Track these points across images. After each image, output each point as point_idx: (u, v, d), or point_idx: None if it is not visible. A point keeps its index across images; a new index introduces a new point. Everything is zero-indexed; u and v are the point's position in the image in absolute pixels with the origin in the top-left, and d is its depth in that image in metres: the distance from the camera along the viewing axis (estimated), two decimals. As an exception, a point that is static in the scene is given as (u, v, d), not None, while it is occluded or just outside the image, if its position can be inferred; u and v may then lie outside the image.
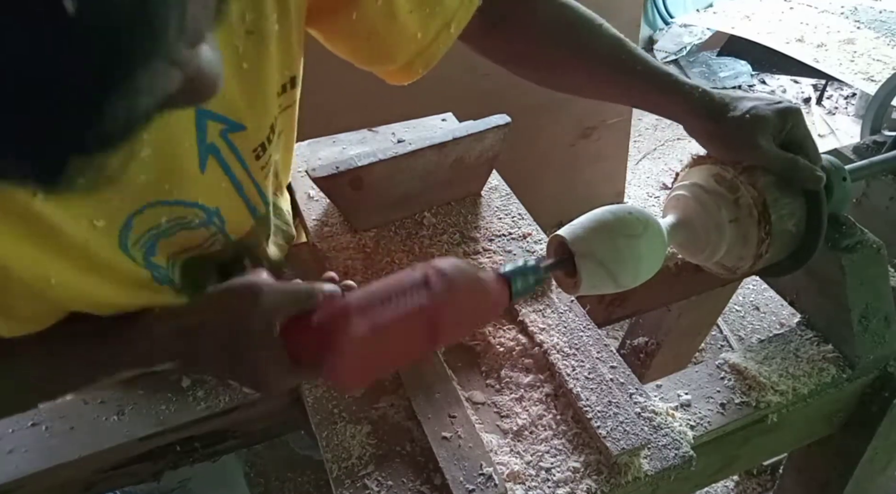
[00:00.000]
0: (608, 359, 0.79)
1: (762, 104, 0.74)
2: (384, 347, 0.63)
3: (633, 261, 0.69)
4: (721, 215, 0.74)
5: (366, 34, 0.76)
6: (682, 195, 0.78)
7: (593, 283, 0.69)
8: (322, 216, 0.99)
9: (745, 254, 0.75)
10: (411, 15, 0.76)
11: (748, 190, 0.73)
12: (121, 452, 0.77)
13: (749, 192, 0.72)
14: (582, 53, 0.82)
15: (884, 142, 1.03)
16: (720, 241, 0.75)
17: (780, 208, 0.72)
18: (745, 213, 0.73)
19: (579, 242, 0.68)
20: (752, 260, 0.74)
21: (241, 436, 0.85)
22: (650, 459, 0.69)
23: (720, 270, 0.79)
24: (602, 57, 0.80)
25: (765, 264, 0.76)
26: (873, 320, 0.82)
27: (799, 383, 0.81)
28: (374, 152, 0.93)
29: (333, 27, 0.77)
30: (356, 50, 0.82)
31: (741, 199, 0.73)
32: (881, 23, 3.16)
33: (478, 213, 1.02)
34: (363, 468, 0.70)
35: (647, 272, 0.71)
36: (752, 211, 0.72)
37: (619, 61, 0.79)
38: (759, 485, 1.74)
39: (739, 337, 2.14)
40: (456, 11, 0.78)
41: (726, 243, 0.75)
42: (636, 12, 2.27)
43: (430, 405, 0.74)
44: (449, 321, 0.65)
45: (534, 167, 2.34)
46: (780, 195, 0.73)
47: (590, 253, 0.68)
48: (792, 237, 0.75)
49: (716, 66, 3.82)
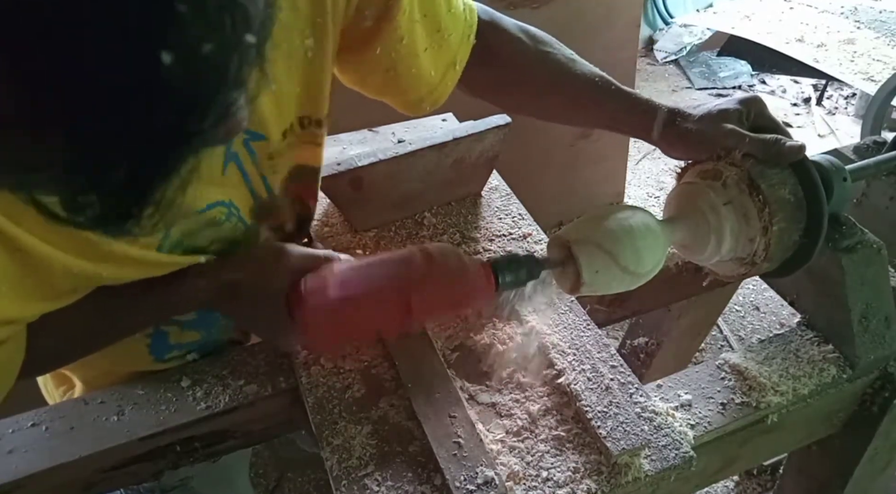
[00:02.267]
0: (608, 359, 0.79)
1: (723, 100, 0.80)
2: (355, 315, 0.69)
3: (629, 238, 0.70)
4: (713, 199, 0.75)
5: (384, 69, 0.79)
6: (674, 196, 0.80)
7: (595, 267, 0.70)
8: (322, 216, 0.99)
9: (753, 233, 0.74)
10: (426, 53, 0.80)
11: (730, 170, 0.75)
12: (121, 452, 0.77)
13: (732, 171, 0.75)
14: (563, 77, 0.85)
15: (884, 142, 1.03)
16: (721, 225, 0.74)
17: (767, 178, 0.73)
18: (736, 192, 0.74)
19: (572, 231, 0.71)
20: (763, 240, 0.73)
21: (241, 436, 0.85)
22: (650, 459, 0.69)
23: (738, 266, 0.77)
24: (582, 79, 0.85)
25: (780, 243, 0.74)
26: (873, 320, 0.82)
27: (799, 383, 0.81)
28: (374, 152, 0.93)
29: (352, 58, 0.79)
30: (369, 83, 0.84)
31: (728, 180, 0.75)
32: (881, 23, 3.16)
33: (478, 213, 1.02)
34: (363, 468, 0.70)
35: (649, 255, 0.71)
36: (741, 185, 0.74)
37: (598, 85, 0.84)
38: (759, 485, 1.74)
39: (739, 337, 2.13)
40: (459, 48, 0.83)
41: (728, 225, 0.74)
42: (636, 12, 2.27)
43: (430, 405, 0.74)
44: (424, 299, 0.69)
45: (534, 167, 2.34)
46: (764, 168, 0.74)
47: (584, 238, 0.70)
48: (793, 207, 0.73)
49: (716, 66, 3.82)
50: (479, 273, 0.70)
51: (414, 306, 0.68)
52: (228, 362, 0.85)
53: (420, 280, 0.68)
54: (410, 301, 0.68)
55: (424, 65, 0.80)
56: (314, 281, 0.69)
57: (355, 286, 0.68)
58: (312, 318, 0.68)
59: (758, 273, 0.78)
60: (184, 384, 0.82)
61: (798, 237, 0.75)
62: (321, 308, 0.68)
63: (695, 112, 0.79)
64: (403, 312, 0.68)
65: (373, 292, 0.68)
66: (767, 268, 0.77)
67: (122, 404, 0.80)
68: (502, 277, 0.71)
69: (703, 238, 0.76)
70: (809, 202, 0.74)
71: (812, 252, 0.75)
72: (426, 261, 0.69)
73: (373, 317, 0.70)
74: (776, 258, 0.76)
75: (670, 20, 4.04)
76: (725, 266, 0.79)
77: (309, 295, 0.68)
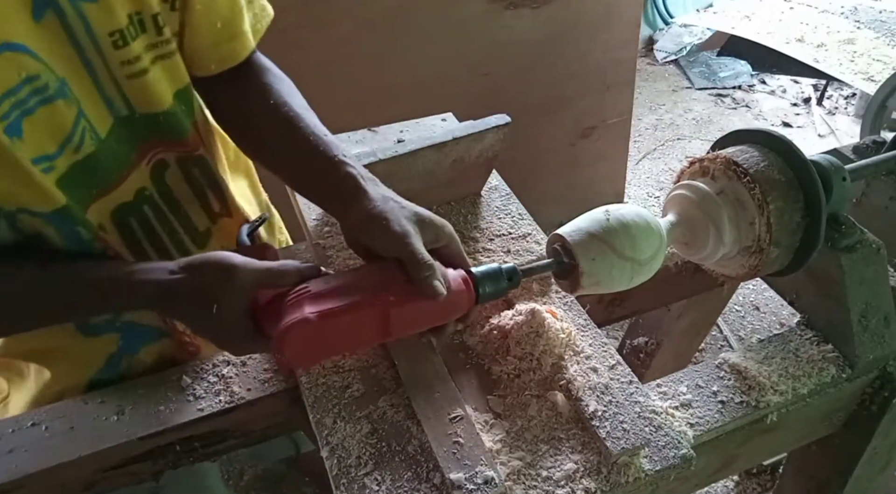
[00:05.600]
0: (608, 359, 0.79)
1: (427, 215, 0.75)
2: (333, 333, 0.68)
3: (621, 225, 0.72)
4: (705, 191, 0.77)
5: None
6: (668, 200, 0.82)
7: (591, 254, 0.71)
8: (322, 216, 0.99)
9: (751, 216, 0.74)
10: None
11: (714, 162, 0.77)
12: (121, 452, 0.77)
13: (715, 162, 0.77)
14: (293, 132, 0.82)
15: (883, 142, 1.03)
16: (718, 215, 0.75)
17: (752, 162, 0.75)
18: (725, 180, 0.76)
19: (565, 227, 0.73)
20: (761, 219, 0.74)
21: (240, 436, 0.85)
22: (650, 459, 0.69)
23: (747, 257, 0.77)
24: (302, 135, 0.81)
25: (781, 222, 0.74)
26: (873, 319, 0.82)
27: (799, 383, 0.81)
28: (374, 152, 0.93)
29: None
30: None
31: (715, 172, 0.77)
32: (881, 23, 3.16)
33: (478, 213, 1.02)
34: (363, 467, 0.70)
35: (644, 240, 0.72)
36: (727, 172, 0.76)
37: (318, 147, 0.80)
38: (759, 485, 1.74)
39: (739, 337, 2.14)
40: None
41: (725, 213, 0.75)
42: (636, 12, 2.27)
43: (430, 405, 0.74)
44: (402, 314, 0.69)
45: (534, 167, 2.35)
46: (744, 153, 0.76)
47: (576, 230, 0.72)
48: (786, 186, 0.74)
49: (716, 66, 3.82)
50: (459, 285, 0.70)
51: (392, 321, 0.68)
52: (228, 361, 0.85)
53: (399, 296, 0.68)
54: (389, 317, 0.68)
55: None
56: (291, 301, 0.67)
57: (332, 304, 0.67)
58: (291, 337, 0.65)
59: (769, 264, 0.77)
60: (183, 384, 0.82)
61: (800, 218, 0.75)
62: (298, 329, 0.65)
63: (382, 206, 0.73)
64: (382, 328, 0.69)
65: (351, 308, 0.67)
66: (778, 255, 0.76)
67: (121, 404, 0.80)
68: (482, 288, 0.71)
69: (703, 231, 0.77)
70: (801, 180, 0.75)
71: (819, 230, 0.75)
72: (405, 275, 0.69)
73: (351, 335, 0.69)
74: (783, 243, 0.75)
75: (670, 20, 4.04)
76: (734, 262, 0.79)
77: (287, 314, 0.66)
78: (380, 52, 1.92)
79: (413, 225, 0.72)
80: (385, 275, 0.70)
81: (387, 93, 1.95)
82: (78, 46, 0.70)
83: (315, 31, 1.79)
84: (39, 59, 0.66)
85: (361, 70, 1.91)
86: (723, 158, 0.77)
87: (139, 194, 0.83)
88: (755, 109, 3.50)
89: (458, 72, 2.05)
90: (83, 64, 0.71)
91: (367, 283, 0.70)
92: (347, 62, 1.89)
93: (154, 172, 0.84)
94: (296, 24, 1.73)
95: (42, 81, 0.67)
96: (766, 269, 0.78)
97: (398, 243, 0.70)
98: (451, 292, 0.69)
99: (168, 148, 0.84)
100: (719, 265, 0.82)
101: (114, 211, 0.81)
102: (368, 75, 1.94)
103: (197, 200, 0.90)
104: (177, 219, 0.88)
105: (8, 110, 0.65)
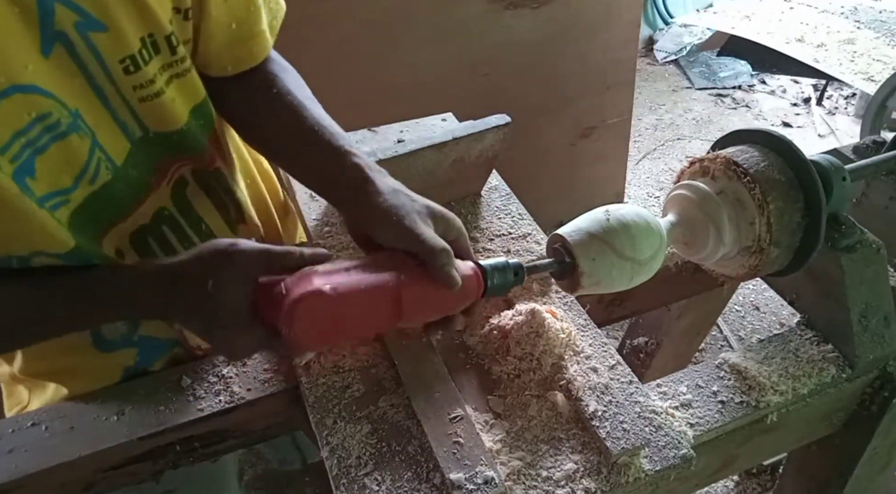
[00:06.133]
0: (608, 359, 0.79)
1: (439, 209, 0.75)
2: (345, 310, 0.66)
3: (620, 224, 0.72)
4: (705, 191, 0.77)
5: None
6: (668, 200, 0.82)
7: (591, 254, 0.71)
8: (322, 216, 0.99)
9: (751, 216, 0.74)
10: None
11: (714, 162, 0.78)
12: (121, 452, 0.77)
13: (716, 162, 0.77)
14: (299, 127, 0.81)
15: (883, 142, 1.03)
16: (718, 214, 0.75)
17: (752, 162, 0.75)
18: (725, 180, 0.76)
19: (565, 227, 0.74)
20: (761, 219, 0.73)
21: (241, 436, 0.85)
22: (650, 459, 0.69)
23: (747, 257, 0.77)
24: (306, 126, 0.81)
25: (781, 222, 0.74)
26: (873, 319, 0.82)
27: (799, 383, 0.81)
28: (373, 152, 0.93)
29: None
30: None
31: (715, 172, 0.78)
32: (881, 23, 3.16)
33: (478, 213, 1.02)
34: (363, 467, 0.70)
35: (644, 240, 0.72)
36: (727, 172, 0.76)
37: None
38: (759, 485, 1.74)
39: (739, 337, 2.14)
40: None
41: (725, 213, 0.75)
42: (636, 12, 2.27)
43: (430, 405, 0.74)
44: (414, 299, 0.68)
45: (534, 167, 2.35)
46: (744, 153, 0.76)
47: (576, 230, 0.73)
48: (786, 186, 0.74)
49: (716, 66, 3.82)
50: (470, 275, 0.71)
51: (404, 305, 0.68)
52: (228, 361, 0.85)
53: (411, 279, 0.68)
54: (401, 299, 0.67)
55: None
56: (301, 279, 0.65)
57: (345, 285, 0.65)
58: (302, 309, 0.63)
59: (769, 264, 0.77)
60: (184, 384, 0.82)
61: (800, 218, 0.75)
62: (310, 300, 0.63)
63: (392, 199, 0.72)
64: (394, 312, 0.68)
65: (364, 290, 0.66)
66: (778, 255, 0.76)
67: (122, 404, 0.80)
68: (492, 280, 0.71)
69: (703, 231, 0.77)
70: (801, 180, 0.74)
71: (819, 230, 0.75)
72: (416, 260, 0.69)
73: (362, 316, 0.68)
74: (783, 243, 0.75)
75: (670, 20, 4.04)
76: (734, 262, 0.80)
77: (298, 286, 0.64)
78: (380, 52, 1.92)
79: (426, 219, 0.71)
80: (396, 260, 0.70)
81: (387, 93, 1.95)
82: (88, 76, 0.68)
83: (315, 30, 1.79)
84: (50, 95, 0.65)
85: (361, 70, 1.91)
86: (723, 158, 0.77)
87: (158, 215, 0.82)
88: (755, 109, 3.50)
89: (458, 72, 2.05)
90: (95, 93, 0.70)
91: (378, 266, 0.69)
92: (347, 62, 1.89)
93: (175, 191, 0.83)
94: (296, 24, 1.73)
95: (53, 118, 0.66)
96: (766, 269, 0.78)
97: (413, 239, 0.69)
98: (464, 280, 0.70)
99: (185, 164, 0.83)
100: (719, 265, 0.82)
101: (132, 234, 0.80)
102: (368, 75, 1.94)
103: (216, 210, 0.89)
104: (196, 233, 0.87)
105: (19, 151, 0.64)
